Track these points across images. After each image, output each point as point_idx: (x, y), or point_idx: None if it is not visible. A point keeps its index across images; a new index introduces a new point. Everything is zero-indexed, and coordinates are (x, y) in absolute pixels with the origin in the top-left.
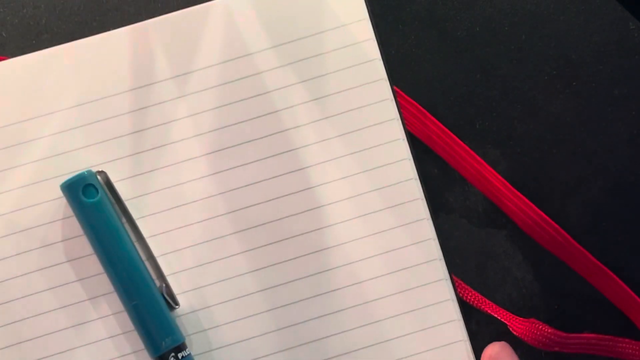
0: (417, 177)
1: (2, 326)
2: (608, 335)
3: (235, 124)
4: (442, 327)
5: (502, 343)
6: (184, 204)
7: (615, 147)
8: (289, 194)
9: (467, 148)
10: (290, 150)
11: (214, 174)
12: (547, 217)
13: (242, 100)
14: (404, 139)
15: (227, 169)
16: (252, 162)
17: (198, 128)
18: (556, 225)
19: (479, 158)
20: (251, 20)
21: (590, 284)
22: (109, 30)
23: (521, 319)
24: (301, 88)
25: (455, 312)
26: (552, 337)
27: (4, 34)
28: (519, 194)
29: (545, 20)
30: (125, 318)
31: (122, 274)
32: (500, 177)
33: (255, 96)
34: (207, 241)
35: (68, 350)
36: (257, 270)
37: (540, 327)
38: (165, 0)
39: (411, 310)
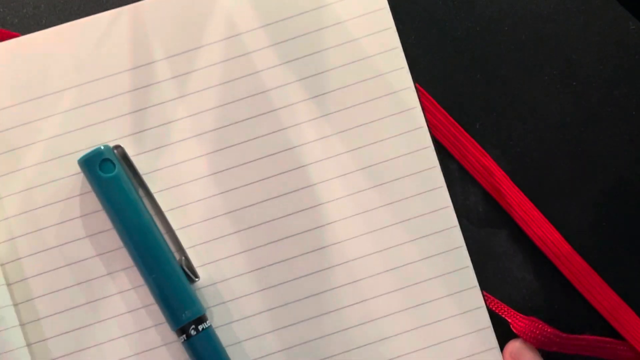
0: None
1: (22, 303)
2: (608, 338)
3: (248, 97)
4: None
5: (522, 339)
6: (200, 177)
7: (615, 147)
8: (307, 165)
9: (471, 138)
10: (309, 121)
11: (231, 146)
12: (545, 219)
13: (252, 74)
14: (431, 147)
15: (245, 141)
16: (266, 134)
17: (213, 101)
18: (553, 228)
19: (482, 149)
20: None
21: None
22: None
23: (522, 316)
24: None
25: (486, 320)
26: (552, 337)
27: None
28: (519, 190)
29: (545, 20)
30: (145, 292)
31: (142, 248)
32: (502, 171)
33: (265, 70)
34: (225, 213)
35: (88, 325)
36: (276, 241)
37: (540, 326)
38: None
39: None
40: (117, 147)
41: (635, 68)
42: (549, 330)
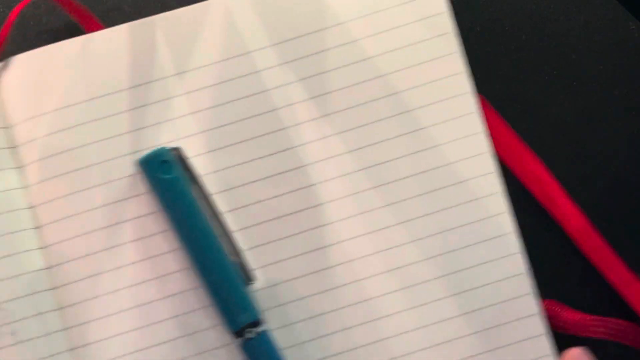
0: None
1: (75, 304)
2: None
3: (309, 99)
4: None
5: (583, 347)
6: (257, 180)
7: (615, 147)
8: (369, 167)
9: (526, 146)
10: (366, 125)
11: (289, 149)
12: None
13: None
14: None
15: (307, 143)
16: (331, 135)
17: (270, 104)
18: (599, 235)
19: (537, 157)
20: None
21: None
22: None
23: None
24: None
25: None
26: (571, 319)
27: None
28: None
29: (545, 20)
30: (201, 294)
31: (200, 250)
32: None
33: (332, 70)
34: (282, 216)
35: (140, 328)
36: (334, 244)
37: (557, 308)
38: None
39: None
40: (175, 148)
41: (635, 68)
42: (566, 312)
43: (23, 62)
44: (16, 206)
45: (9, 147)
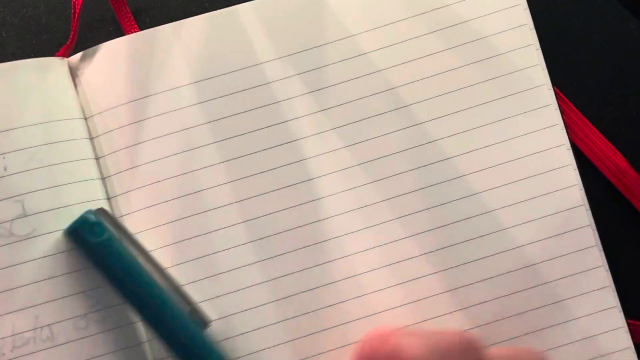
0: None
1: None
2: None
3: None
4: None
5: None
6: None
7: (615, 147)
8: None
9: (604, 139)
10: (440, 118)
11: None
12: None
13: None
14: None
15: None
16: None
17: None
18: None
19: (615, 149)
20: None
21: None
22: (108, 30)
23: None
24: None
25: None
26: None
27: (4, 34)
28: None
29: (546, 20)
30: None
31: (149, 307)
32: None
33: (393, 66)
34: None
35: None
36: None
37: None
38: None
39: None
40: (100, 209)
41: (635, 68)
42: None
43: (100, 54)
44: (96, 198)
45: (88, 138)
